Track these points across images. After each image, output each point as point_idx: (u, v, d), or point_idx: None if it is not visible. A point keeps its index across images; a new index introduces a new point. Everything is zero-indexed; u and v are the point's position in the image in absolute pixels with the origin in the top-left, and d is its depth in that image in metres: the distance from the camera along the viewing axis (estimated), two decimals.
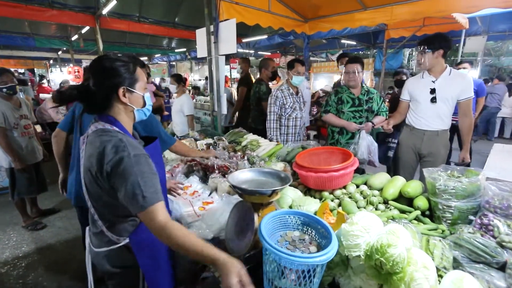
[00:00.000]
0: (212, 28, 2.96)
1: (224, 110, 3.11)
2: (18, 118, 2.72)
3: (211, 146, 2.52)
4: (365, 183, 1.63)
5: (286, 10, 3.74)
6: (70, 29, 8.12)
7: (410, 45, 10.14)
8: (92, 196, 0.99)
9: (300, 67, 2.69)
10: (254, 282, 0.98)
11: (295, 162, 1.58)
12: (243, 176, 1.15)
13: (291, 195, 1.30)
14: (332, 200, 1.47)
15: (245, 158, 2.20)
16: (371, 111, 2.54)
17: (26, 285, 2.15)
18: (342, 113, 2.53)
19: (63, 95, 0.97)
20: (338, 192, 1.48)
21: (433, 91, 2.19)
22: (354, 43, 10.15)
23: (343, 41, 9.94)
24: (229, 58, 9.03)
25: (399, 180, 1.55)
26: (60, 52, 11.65)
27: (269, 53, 9.97)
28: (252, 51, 11.13)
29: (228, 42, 2.83)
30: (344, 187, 1.54)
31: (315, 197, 1.51)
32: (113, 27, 6.48)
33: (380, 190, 1.54)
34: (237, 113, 4.23)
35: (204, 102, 7.84)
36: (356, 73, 2.43)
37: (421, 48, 2.13)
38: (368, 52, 11.79)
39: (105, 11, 5.44)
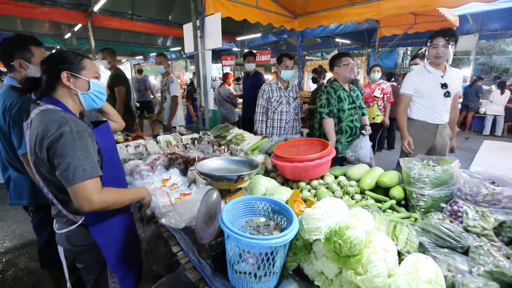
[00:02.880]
0: (198, 22, 2.94)
1: (211, 106, 3.09)
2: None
3: (196, 141, 2.51)
4: (344, 175, 1.63)
5: (275, 6, 3.73)
6: (63, 27, 8.06)
7: (404, 44, 10.25)
8: (42, 176, 1.02)
9: (288, 61, 2.69)
10: (220, 268, 0.98)
11: (273, 153, 1.57)
12: (213, 164, 1.14)
13: (264, 184, 1.29)
14: (309, 191, 1.46)
15: (229, 152, 2.19)
16: (360, 108, 2.52)
17: (6, 280, 2.12)
18: (343, 112, 2.38)
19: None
20: (315, 183, 1.48)
21: (444, 85, 2.20)
22: (348, 42, 10.18)
23: (337, 40, 9.97)
24: (221, 55, 8.99)
25: (377, 171, 1.55)
26: (53, 51, 11.57)
27: (267, 50, 9.96)
28: (247, 50, 11.17)
29: (213, 36, 2.82)
30: (322, 178, 1.53)
31: (292, 188, 1.50)
32: (105, 24, 6.44)
33: (358, 180, 1.53)
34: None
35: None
36: (354, 65, 2.38)
37: (446, 40, 2.05)
38: (363, 51, 11.84)
39: (96, 8, 5.40)
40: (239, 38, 9.11)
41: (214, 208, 1.04)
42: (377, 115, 4.32)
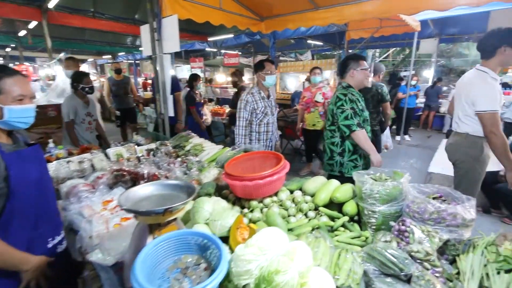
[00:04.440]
0: (155, 24, 2.75)
1: (171, 113, 2.92)
2: (86, 114, 3.00)
3: (151, 153, 2.33)
4: (301, 188, 1.57)
5: (240, 8, 3.63)
6: (17, 23, 7.34)
7: (371, 46, 10.62)
8: None
9: (271, 66, 2.48)
10: None
11: (224, 169, 1.46)
12: (143, 192, 1.01)
13: (208, 208, 1.18)
14: (261, 209, 1.37)
15: (184, 164, 2.05)
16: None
17: None
18: (366, 122, 2.18)
19: None
20: (267, 201, 1.39)
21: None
22: (321, 43, 10.35)
23: (309, 41, 10.09)
24: (189, 56, 8.76)
25: (332, 184, 1.50)
26: (9, 49, 10.59)
27: (233, 52, 9.83)
28: (223, 50, 10.96)
29: (171, 40, 2.65)
30: (276, 194, 1.45)
31: (244, 207, 1.40)
32: (64, 22, 5.94)
33: (314, 195, 1.47)
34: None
35: None
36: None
37: None
38: (335, 53, 12.13)
39: (51, 4, 4.94)
40: (211, 39, 8.89)
41: (142, 245, 0.91)
42: (318, 121, 3.98)
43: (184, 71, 11.32)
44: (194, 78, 4.65)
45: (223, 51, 10.49)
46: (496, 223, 2.93)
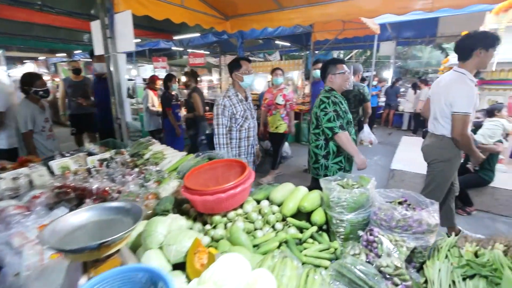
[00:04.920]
0: (106, 20, 2.49)
1: (129, 118, 2.67)
2: (44, 121, 2.74)
3: (105, 163, 2.09)
4: (268, 197, 1.48)
5: (203, 6, 3.47)
6: None
7: (336, 48, 11.03)
8: None
9: (248, 65, 2.29)
10: None
11: (183, 183, 1.32)
12: (76, 220, 0.84)
13: (163, 231, 1.03)
14: (225, 225, 1.26)
15: (142, 176, 1.86)
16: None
17: None
18: (350, 124, 2.22)
19: None
20: (231, 214, 1.28)
21: None
22: (288, 44, 10.48)
23: (277, 42, 10.17)
24: (149, 55, 8.32)
25: (300, 191, 1.43)
26: None
27: (199, 52, 9.54)
28: (190, 50, 10.55)
29: (125, 38, 2.41)
30: (242, 205, 1.35)
31: (206, 222, 1.28)
32: (6, 15, 5.24)
33: (282, 204, 1.40)
34: None
35: (130, 105, 7.05)
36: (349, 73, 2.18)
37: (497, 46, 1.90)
38: (302, 54, 12.38)
39: None
40: (176, 37, 8.53)
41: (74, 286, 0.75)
42: (280, 124, 3.87)
43: (147, 71, 10.73)
44: (169, 78, 4.37)
45: (190, 50, 10.16)
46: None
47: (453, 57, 3.90)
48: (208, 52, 12.18)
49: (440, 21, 7.37)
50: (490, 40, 1.85)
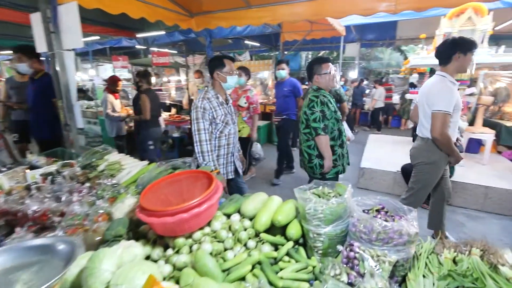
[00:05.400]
0: (49, 13, 2.16)
1: (80, 124, 2.36)
2: None
3: (49, 178, 1.79)
4: (239, 210, 1.35)
5: (165, 1, 3.22)
6: None
7: (304, 48, 11.25)
8: None
9: (232, 64, 2.09)
10: None
11: (139, 202, 1.13)
12: None
13: (110, 267, 0.84)
14: (190, 247, 1.10)
15: (95, 191, 1.62)
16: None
17: None
18: (340, 122, 2.23)
19: None
20: (197, 235, 1.12)
21: None
22: (257, 44, 10.44)
23: (247, 41, 10.08)
24: (111, 54, 7.74)
25: (274, 202, 1.32)
26: None
27: (163, 50, 9.11)
28: (155, 48, 9.97)
29: (71, 33, 2.11)
30: (209, 223, 1.20)
31: (167, 246, 1.11)
32: None
33: (254, 217, 1.27)
34: None
35: (87, 108, 6.45)
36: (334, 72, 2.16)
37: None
38: (272, 54, 12.44)
39: None
40: (139, 35, 8.03)
41: None
42: (242, 127, 3.57)
43: (108, 71, 9.98)
44: (141, 77, 3.99)
45: (155, 49, 9.64)
46: (417, 209, 3.26)
47: (413, 59, 4.11)
48: (176, 52, 11.72)
49: (399, 25, 7.83)
50: (467, 45, 1.94)
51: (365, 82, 8.85)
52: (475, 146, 4.35)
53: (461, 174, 3.41)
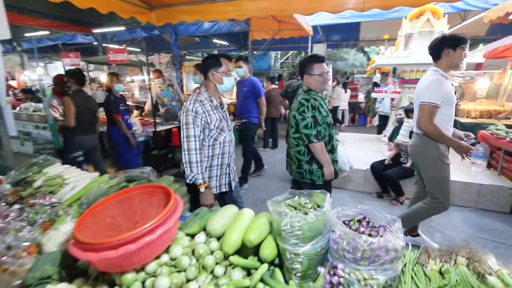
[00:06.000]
0: None
1: (13, 131, 1.97)
2: None
3: None
4: (205, 229, 1.16)
5: None
6: None
7: (274, 48, 11.27)
8: None
9: (229, 65, 1.83)
10: None
11: (73, 233, 0.89)
12: None
13: None
14: (143, 283, 0.89)
15: (25, 215, 1.31)
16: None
17: None
18: (331, 127, 2.10)
19: None
20: (152, 266, 0.91)
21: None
22: (226, 43, 10.22)
23: (215, 40, 9.81)
24: (59, 50, 6.98)
25: (245, 217, 1.16)
26: None
27: (119, 47, 8.50)
28: (116, 45, 9.19)
29: None
30: (168, 248, 1.00)
31: (113, 284, 0.89)
32: None
33: (222, 236, 1.10)
34: None
35: (34, 110, 5.73)
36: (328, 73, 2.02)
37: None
38: (241, 53, 12.28)
39: None
40: (96, 30, 7.34)
41: None
42: None
43: (59, 69, 9.04)
44: (110, 77, 3.54)
45: (114, 46, 8.91)
46: (388, 206, 3.33)
47: (378, 59, 4.21)
48: (139, 49, 11.02)
49: (362, 27, 8.16)
50: (456, 41, 1.93)
51: (335, 82, 9.09)
52: None
53: None
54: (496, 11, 4.33)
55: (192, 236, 1.13)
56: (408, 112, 3.36)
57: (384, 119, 6.06)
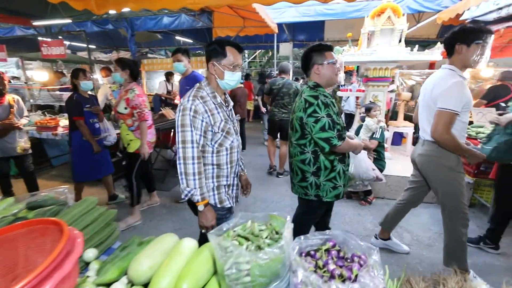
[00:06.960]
0: None
1: None
2: None
3: None
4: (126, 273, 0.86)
5: None
6: None
7: (245, 47, 11.03)
8: None
9: (238, 56, 1.41)
10: None
11: None
12: None
13: None
14: None
15: None
16: None
17: None
18: (344, 129, 1.77)
19: None
20: None
21: None
22: (190, 41, 9.75)
23: (178, 37, 9.31)
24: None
25: (183, 252, 0.87)
26: None
27: (54, 40, 7.64)
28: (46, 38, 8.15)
29: None
30: None
31: None
32: None
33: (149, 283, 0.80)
34: None
35: None
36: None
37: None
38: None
39: None
40: (37, 23, 6.44)
41: None
42: (130, 140, 2.67)
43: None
44: (75, 74, 2.90)
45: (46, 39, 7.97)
46: (356, 206, 3.26)
47: (344, 56, 4.16)
48: (95, 46, 10.06)
49: (326, 27, 8.27)
50: (470, 35, 1.66)
51: (301, 81, 9.10)
52: (397, 138, 4.71)
53: (391, 167, 3.56)
54: (448, 13, 4.54)
55: (108, 285, 0.82)
56: (368, 110, 3.35)
57: (349, 118, 6.12)
